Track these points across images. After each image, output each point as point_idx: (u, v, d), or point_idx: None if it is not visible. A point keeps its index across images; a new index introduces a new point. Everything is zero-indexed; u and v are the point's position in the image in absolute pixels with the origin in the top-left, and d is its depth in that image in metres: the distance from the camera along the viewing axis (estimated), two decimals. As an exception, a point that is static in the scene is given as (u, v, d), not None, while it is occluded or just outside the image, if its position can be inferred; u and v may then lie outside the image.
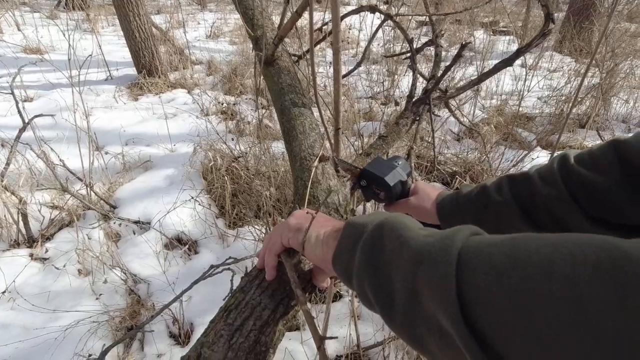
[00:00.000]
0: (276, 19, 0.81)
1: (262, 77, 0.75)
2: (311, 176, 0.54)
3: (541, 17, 6.23)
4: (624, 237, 0.24)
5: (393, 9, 3.89)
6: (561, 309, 0.21)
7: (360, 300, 0.35)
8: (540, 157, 2.35)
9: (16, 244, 1.69)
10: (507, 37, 5.62)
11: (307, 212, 0.43)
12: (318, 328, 0.35)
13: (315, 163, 0.52)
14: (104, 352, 0.81)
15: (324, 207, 0.51)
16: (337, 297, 1.58)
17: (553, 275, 0.22)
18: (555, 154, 0.55)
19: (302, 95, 0.65)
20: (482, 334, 0.25)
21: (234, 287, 0.48)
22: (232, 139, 2.07)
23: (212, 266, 0.96)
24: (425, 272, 0.29)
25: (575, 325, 0.21)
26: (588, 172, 0.47)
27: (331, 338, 0.36)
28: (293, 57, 0.86)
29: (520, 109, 2.92)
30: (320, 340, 0.33)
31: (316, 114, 0.72)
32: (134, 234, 1.76)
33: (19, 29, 5.35)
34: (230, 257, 0.90)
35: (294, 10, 0.58)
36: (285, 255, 0.42)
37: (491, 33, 5.68)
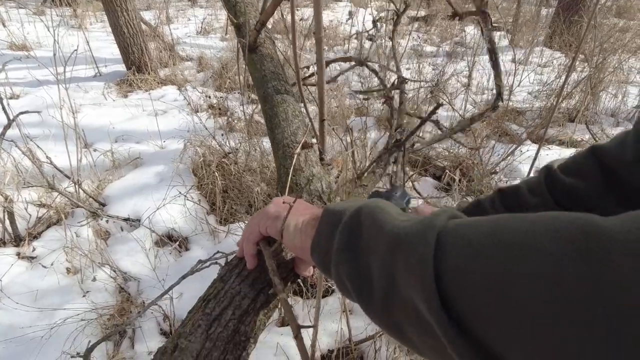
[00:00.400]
0: (259, 5, 0.80)
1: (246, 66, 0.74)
2: (293, 163, 0.53)
3: (531, 13, 6.26)
4: None
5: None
6: (542, 286, 0.21)
7: (338, 289, 0.34)
8: (530, 151, 2.36)
9: (2, 243, 1.66)
10: (498, 33, 5.64)
11: (283, 201, 0.42)
12: (296, 317, 0.35)
13: (298, 150, 0.52)
14: (90, 349, 0.80)
15: (306, 195, 0.51)
16: (329, 291, 1.58)
17: (534, 251, 0.22)
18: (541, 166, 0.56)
19: (285, 83, 0.64)
20: (461, 318, 0.24)
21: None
22: (222, 135, 2.06)
23: (200, 261, 0.95)
24: (403, 256, 0.28)
25: (555, 302, 0.20)
26: (572, 180, 0.48)
27: (308, 327, 0.35)
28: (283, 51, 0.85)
29: (511, 103, 2.93)
30: (297, 328, 0.32)
31: (302, 106, 0.71)
32: (122, 230, 1.74)
33: (4, 26, 5.25)
34: (218, 252, 0.89)
35: (276, -4, 0.58)
36: (264, 243, 0.42)
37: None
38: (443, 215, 0.29)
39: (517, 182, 0.61)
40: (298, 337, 0.31)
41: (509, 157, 2.17)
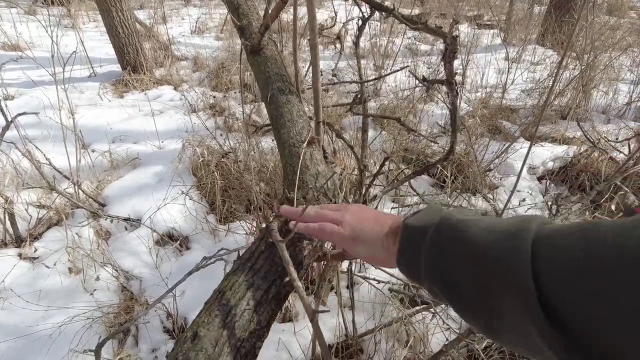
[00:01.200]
0: (261, 8, 0.82)
1: (248, 68, 0.76)
2: (300, 162, 0.55)
3: (524, 11, 6.28)
4: None
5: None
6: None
7: (430, 295, 0.37)
8: (524, 148, 2.40)
9: (3, 244, 1.67)
10: (491, 31, 5.69)
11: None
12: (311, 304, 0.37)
13: (304, 146, 0.54)
14: (101, 344, 0.82)
15: (313, 192, 0.53)
16: (330, 288, 1.61)
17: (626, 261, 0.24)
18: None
19: (289, 84, 0.67)
20: (562, 322, 0.26)
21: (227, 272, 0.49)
22: (221, 135, 2.07)
23: (204, 258, 0.97)
24: (496, 270, 0.29)
25: None
26: None
27: (323, 312, 0.38)
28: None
29: (504, 101, 2.98)
30: (313, 313, 0.35)
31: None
32: (126, 229, 1.76)
33: (-4, 26, 5.20)
34: (222, 249, 0.92)
35: None
36: (277, 236, 0.44)
37: (475, 27, 5.74)
38: (533, 223, 0.30)
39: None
40: (314, 321, 0.34)
41: (502, 155, 2.21)
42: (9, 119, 1.80)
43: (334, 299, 1.54)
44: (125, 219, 1.84)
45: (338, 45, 1.53)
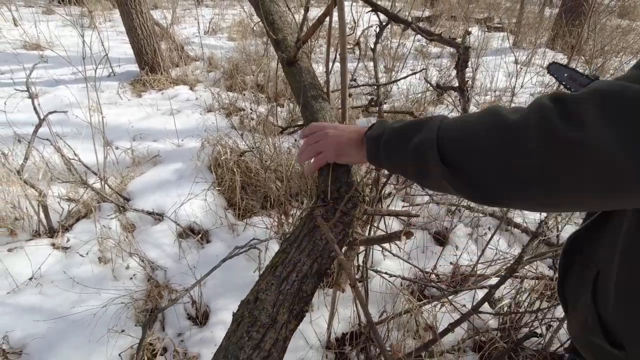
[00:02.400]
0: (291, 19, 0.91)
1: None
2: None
3: (535, 14, 6.30)
4: None
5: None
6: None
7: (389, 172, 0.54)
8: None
9: (37, 234, 1.78)
10: (501, 34, 5.73)
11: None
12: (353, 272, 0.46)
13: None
14: (149, 320, 0.92)
15: (345, 186, 0.62)
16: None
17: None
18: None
19: (322, 92, 0.75)
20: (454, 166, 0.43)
21: (263, 261, 0.58)
22: (241, 134, 2.17)
23: (236, 247, 1.07)
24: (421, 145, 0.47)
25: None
26: None
27: (362, 280, 0.46)
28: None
29: (513, 104, 3.04)
30: (354, 281, 0.44)
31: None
32: (155, 221, 1.86)
33: (16, 25, 5.36)
34: (254, 239, 1.01)
35: (315, 17, 0.69)
36: (321, 219, 0.53)
37: (486, 29, 5.78)
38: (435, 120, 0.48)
39: None
40: (355, 287, 0.43)
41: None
42: (41, 117, 1.92)
43: (348, 292, 1.63)
44: (149, 213, 1.94)
45: (357, 51, 1.61)
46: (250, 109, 2.87)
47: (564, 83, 0.71)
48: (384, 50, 4.45)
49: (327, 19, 0.69)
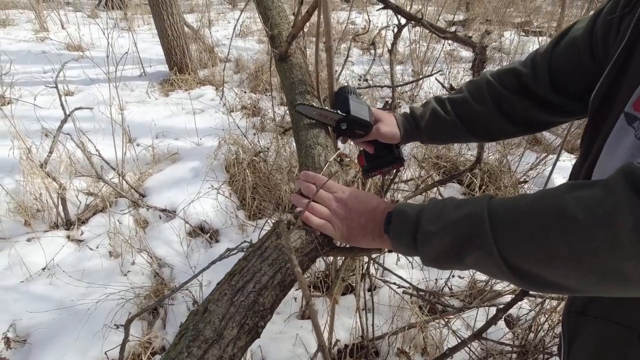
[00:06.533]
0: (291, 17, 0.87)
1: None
2: (315, 162, 0.59)
3: (576, 17, 5.99)
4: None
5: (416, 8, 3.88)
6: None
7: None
8: (565, 162, 2.30)
9: (55, 226, 1.84)
10: (541, 38, 5.46)
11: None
12: (307, 290, 0.41)
13: (331, 159, 0.58)
14: (130, 320, 0.90)
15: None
16: (349, 289, 1.63)
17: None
18: (480, 76, 0.73)
19: (312, 89, 0.71)
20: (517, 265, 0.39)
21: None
22: (254, 134, 2.16)
23: (228, 249, 1.03)
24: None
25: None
26: (506, 92, 0.67)
27: (318, 296, 0.41)
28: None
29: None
30: (308, 297, 0.39)
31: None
32: (160, 218, 1.87)
33: (63, 27, 5.69)
34: (245, 241, 0.97)
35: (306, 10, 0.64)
36: (283, 226, 0.48)
37: (522, 33, 5.52)
38: (484, 198, 0.43)
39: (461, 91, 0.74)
40: (309, 305, 0.38)
41: (540, 167, 2.13)
42: (67, 113, 1.99)
43: (352, 300, 1.57)
44: (162, 210, 1.96)
45: (372, 51, 1.55)
46: (265, 113, 2.87)
47: (314, 120, 0.69)
48: (412, 53, 4.34)
49: (317, 11, 0.64)
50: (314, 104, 0.68)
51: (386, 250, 0.56)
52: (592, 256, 0.34)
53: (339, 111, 0.65)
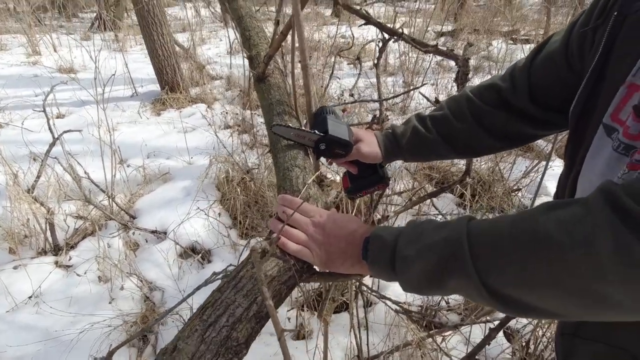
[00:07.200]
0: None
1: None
2: (292, 185, 0.58)
3: (562, 25, 6.10)
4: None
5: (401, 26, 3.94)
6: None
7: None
8: (557, 168, 2.30)
9: (43, 252, 1.81)
10: (528, 46, 5.54)
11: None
12: (280, 321, 0.39)
13: (310, 181, 0.57)
14: (111, 352, 0.86)
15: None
16: (343, 307, 1.60)
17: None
18: (460, 91, 0.73)
19: (290, 109, 0.70)
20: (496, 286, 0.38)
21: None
22: (242, 151, 2.15)
23: (214, 273, 1.01)
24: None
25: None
26: (487, 107, 0.66)
27: (290, 331, 0.39)
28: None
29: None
30: (281, 332, 0.37)
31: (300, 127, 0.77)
32: (146, 242, 1.84)
33: (55, 51, 5.72)
34: (230, 265, 0.95)
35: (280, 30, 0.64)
36: (256, 256, 0.46)
37: (510, 42, 5.61)
38: (462, 220, 0.41)
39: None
40: (281, 339, 0.36)
41: (532, 174, 2.12)
42: (55, 136, 1.98)
43: (347, 317, 1.53)
44: (152, 232, 1.93)
45: (359, 66, 1.56)
46: (257, 130, 2.86)
47: (290, 140, 0.68)
48: (402, 65, 4.39)
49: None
50: (290, 124, 0.67)
51: (368, 275, 0.54)
52: (572, 279, 0.33)
53: (316, 131, 0.63)
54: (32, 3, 6.26)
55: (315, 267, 0.54)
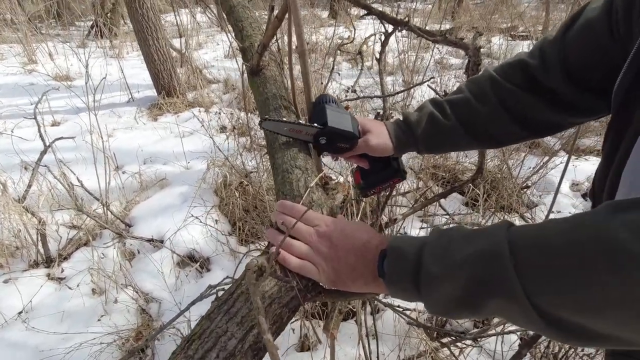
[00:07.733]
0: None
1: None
2: (293, 189, 0.50)
3: (560, 20, 6.07)
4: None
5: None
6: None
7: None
8: (564, 164, 2.22)
9: (35, 264, 1.73)
10: (527, 42, 5.48)
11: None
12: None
13: (312, 184, 0.49)
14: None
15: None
16: (350, 314, 1.52)
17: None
18: (482, 72, 0.64)
19: (288, 103, 0.63)
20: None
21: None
22: (240, 154, 2.07)
23: (209, 286, 0.93)
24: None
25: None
26: (511, 86, 0.58)
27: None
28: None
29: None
30: (279, 377, 0.29)
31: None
32: (138, 252, 1.77)
33: (51, 59, 5.67)
34: (227, 277, 0.88)
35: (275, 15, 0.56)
36: (250, 277, 0.39)
37: (509, 38, 5.55)
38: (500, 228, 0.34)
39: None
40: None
41: (541, 170, 2.05)
42: (47, 144, 1.91)
43: (352, 327, 1.45)
44: (149, 240, 1.85)
45: (359, 62, 1.48)
46: (254, 132, 2.79)
47: (286, 136, 0.59)
48: (402, 64, 4.32)
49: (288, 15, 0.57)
50: (284, 118, 0.59)
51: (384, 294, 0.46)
52: None
53: (315, 124, 0.56)
54: (28, 12, 6.22)
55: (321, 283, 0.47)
